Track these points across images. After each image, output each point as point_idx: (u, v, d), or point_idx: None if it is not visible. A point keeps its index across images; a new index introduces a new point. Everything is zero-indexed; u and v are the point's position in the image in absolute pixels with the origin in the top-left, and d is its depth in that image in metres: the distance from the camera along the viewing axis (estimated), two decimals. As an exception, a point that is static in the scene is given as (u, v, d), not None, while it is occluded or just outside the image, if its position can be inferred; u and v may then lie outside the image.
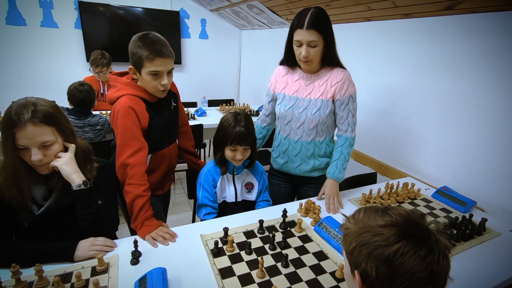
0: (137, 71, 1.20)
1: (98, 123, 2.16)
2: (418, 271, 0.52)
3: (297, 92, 1.41)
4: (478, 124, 1.46)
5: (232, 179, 1.39)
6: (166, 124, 1.34)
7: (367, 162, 2.15)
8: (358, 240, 0.58)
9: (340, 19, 2.20)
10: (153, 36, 1.17)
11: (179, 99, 1.50)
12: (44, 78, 3.40)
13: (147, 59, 1.14)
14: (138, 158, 1.17)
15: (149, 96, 1.24)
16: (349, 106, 1.36)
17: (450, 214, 1.37)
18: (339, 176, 1.40)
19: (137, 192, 1.13)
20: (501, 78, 1.35)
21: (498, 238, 1.20)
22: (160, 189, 1.46)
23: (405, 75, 1.82)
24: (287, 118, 1.44)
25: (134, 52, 1.16)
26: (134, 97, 1.20)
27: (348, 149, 1.42)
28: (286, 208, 1.21)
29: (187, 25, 3.92)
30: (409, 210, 0.60)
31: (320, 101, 1.36)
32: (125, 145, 1.17)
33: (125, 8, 3.50)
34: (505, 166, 1.37)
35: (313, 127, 1.39)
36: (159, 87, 1.20)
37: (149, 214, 1.13)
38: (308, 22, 1.20)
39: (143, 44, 1.14)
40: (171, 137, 1.43)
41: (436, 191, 1.53)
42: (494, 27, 1.35)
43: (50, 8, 3.22)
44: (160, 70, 1.17)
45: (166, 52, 1.17)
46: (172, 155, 1.45)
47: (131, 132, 1.17)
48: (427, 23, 1.65)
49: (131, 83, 1.23)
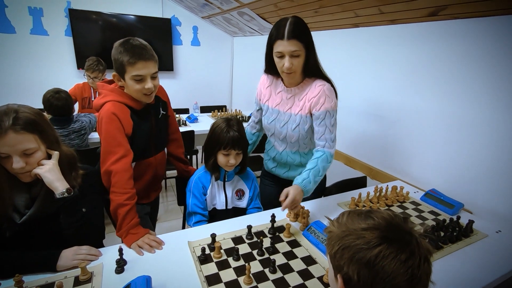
0: (121, 77, 1.19)
1: (82, 127, 2.12)
2: (399, 275, 0.51)
3: (279, 105, 1.39)
4: (466, 127, 1.48)
5: (222, 186, 1.38)
6: (153, 132, 1.32)
7: (357, 166, 2.16)
8: (341, 243, 0.58)
9: (329, 26, 2.23)
10: (134, 40, 1.17)
11: (170, 106, 1.47)
12: (34, 86, 3.36)
13: (128, 64, 1.13)
14: (122, 165, 1.15)
15: (134, 103, 1.23)
16: (326, 122, 1.28)
17: (438, 217, 1.38)
18: (308, 187, 1.20)
19: (119, 201, 1.11)
20: (485, 82, 1.38)
21: (485, 239, 1.21)
22: (146, 198, 1.43)
23: (393, 79, 1.85)
24: (270, 131, 1.45)
25: (116, 58, 1.16)
26: (119, 104, 1.19)
27: (324, 164, 1.26)
28: (274, 213, 1.20)
29: (179, 32, 3.94)
30: (392, 213, 0.60)
31: (299, 116, 1.33)
32: (109, 152, 1.15)
33: (117, 15, 3.51)
34: (492, 169, 1.39)
35: (295, 141, 1.38)
36: (143, 91, 1.19)
37: (135, 222, 1.12)
38: (288, 32, 1.16)
39: (124, 49, 1.14)
40: (159, 146, 1.41)
41: (425, 194, 1.54)
42: (476, 32, 1.39)
43: (40, 16, 3.21)
44: (142, 74, 1.15)
45: (147, 55, 1.15)
46: (159, 164, 1.42)
47: (114, 139, 1.16)
48: (413, 29, 1.68)
49: (117, 90, 1.22)
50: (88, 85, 2.68)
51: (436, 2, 1.40)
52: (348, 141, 2.26)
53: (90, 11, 3.35)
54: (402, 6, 1.55)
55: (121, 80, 1.20)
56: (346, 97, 2.20)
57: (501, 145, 1.34)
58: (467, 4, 1.30)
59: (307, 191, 1.22)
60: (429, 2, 1.42)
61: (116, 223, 1.13)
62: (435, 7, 1.44)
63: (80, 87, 2.67)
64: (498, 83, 1.33)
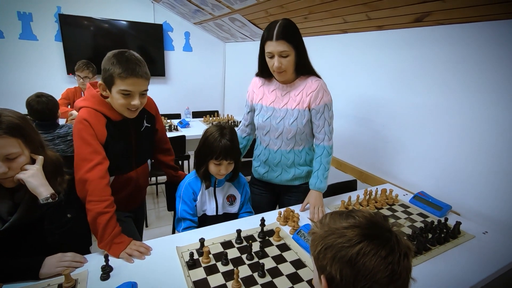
0: (107, 88, 1.13)
1: (68, 133, 2.08)
2: (380, 271, 0.52)
3: (273, 102, 1.42)
4: (453, 130, 1.51)
5: (213, 192, 1.37)
6: (133, 146, 1.26)
7: (348, 170, 2.18)
8: (323, 243, 0.58)
9: (318, 31, 2.27)
10: (130, 54, 1.11)
11: (160, 120, 1.42)
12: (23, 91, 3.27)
13: (118, 77, 1.08)
14: (97, 173, 1.08)
15: (113, 114, 1.17)
16: (325, 115, 1.38)
17: (426, 219, 1.39)
18: (321, 186, 1.39)
19: (98, 209, 1.04)
20: (470, 86, 1.42)
21: (472, 240, 1.23)
22: (132, 204, 1.39)
23: (381, 84, 1.88)
24: (265, 129, 1.45)
25: (106, 68, 1.10)
26: (95, 112, 1.13)
27: (327, 158, 1.42)
28: (264, 217, 1.20)
29: (171, 38, 3.94)
30: (372, 212, 0.61)
31: (297, 111, 1.37)
32: (83, 159, 1.09)
33: (108, 21, 3.50)
34: (479, 171, 1.41)
35: (291, 136, 1.40)
36: (128, 107, 1.14)
37: (118, 231, 1.06)
38: (277, 33, 1.22)
39: (117, 61, 1.08)
40: (140, 160, 1.33)
41: (413, 197, 1.55)
42: (459, 37, 1.43)
43: (29, 21, 3.18)
44: (131, 90, 1.10)
45: (141, 73, 1.10)
46: (141, 177, 1.36)
47: (88, 145, 1.10)
48: (400, 35, 1.72)
49: (97, 97, 1.16)
50: (79, 89, 2.65)
51: (420, 9, 1.44)
52: (339, 145, 2.27)
53: (80, 16, 3.34)
54: (389, 13, 1.59)
55: (106, 91, 1.14)
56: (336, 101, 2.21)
57: (488, 148, 1.37)
58: (450, 10, 1.34)
59: (323, 188, 1.40)
60: (414, 9, 1.46)
61: (95, 234, 1.06)
62: (420, 14, 1.47)
63: (72, 92, 2.64)
64: (483, 86, 1.36)
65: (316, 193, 1.40)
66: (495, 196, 1.35)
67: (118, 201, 1.23)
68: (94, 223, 1.04)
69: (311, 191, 1.41)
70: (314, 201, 1.38)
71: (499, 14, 1.23)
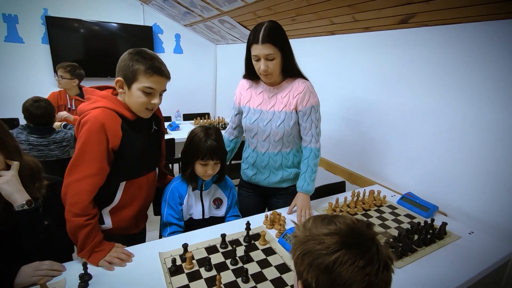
0: (127, 84, 1.07)
1: (64, 139, 2.06)
2: (356, 282, 0.50)
3: (261, 104, 1.41)
4: (438, 131, 1.52)
5: (199, 196, 1.35)
6: (145, 148, 1.18)
7: (337, 171, 2.18)
8: (302, 248, 0.57)
9: (306, 33, 2.27)
10: (152, 53, 1.09)
11: (163, 124, 1.36)
12: (10, 94, 3.25)
13: (144, 74, 1.04)
14: (88, 186, 1.02)
15: (128, 113, 1.10)
16: (312, 117, 1.37)
17: (413, 220, 1.39)
18: (309, 188, 1.39)
19: (79, 222, 0.99)
20: (454, 87, 1.42)
21: (458, 241, 1.23)
22: (134, 227, 1.27)
23: (369, 85, 1.88)
24: (253, 131, 1.44)
25: (128, 64, 1.04)
26: (110, 111, 1.06)
27: (314, 161, 1.41)
28: (249, 221, 1.18)
29: (161, 40, 3.91)
30: (356, 219, 0.60)
31: (284, 113, 1.36)
32: (79, 163, 1.01)
33: (97, 23, 3.46)
34: (465, 172, 1.42)
35: (278, 139, 1.39)
36: (147, 106, 1.09)
37: (98, 240, 1.03)
38: (263, 37, 1.20)
39: (142, 58, 1.04)
40: (151, 164, 1.26)
41: (401, 198, 1.56)
42: (443, 39, 1.44)
43: (15, 23, 3.12)
44: (155, 88, 1.07)
45: (166, 72, 1.10)
46: (150, 185, 1.27)
47: (91, 151, 1.01)
48: (386, 36, 1.73)
49: (110, 96, 1.10)
50: (64, 93, 2.60)
51: (405, 11, 1.45)
52: (328, 146, 2.27)
53: (68, 18, 3.29)
54: (374, 14, 1.59)
55: (125, 87, 1.08)
56: (324, 103, 2.22)
57: (473, 149, 1.37)
58: (434, 12, 1.35)
59: (310, 191, 1.39)
60: (398, 10, 1.47)
61: (75, 242, 1.02)
62: (405, 15, 1.48)
63: (56, 95, 2.59)
64: (468, 87, 1.37)
65: (303, 196, 1.39)
66: (480, 197, 1.36)
67: (126, 219, 1.20)
68: (74, 234, 1.00)
69: (298, 193, 1.40)
70: (301, 203, 1.37)
71: (483, 15, 1.24)
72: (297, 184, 1.42)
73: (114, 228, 1.18)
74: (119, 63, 1.08)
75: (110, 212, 1.16)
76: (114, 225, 1.18)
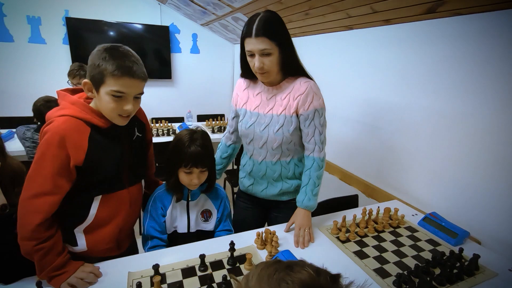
0: (95, 87, 0.92)
1: None
2: None
3: (258, 107, 1.25)
4: (473, 141, 1.27)
5: (186, 207, 1.21)
6: (125, 158, 1.03)
7: (353, 182, 1.95)
8: None
9: (321, 29, 2.07)
10: (125, 50, 0.93)
11: (149, 129, 1.20)
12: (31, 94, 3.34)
13: (111, 76, 0.88)
14: (40, 206, 0.87)
15: (100, 120, 0.95)
16: (315, 122, 1.19)
17: (437, 247, 1.16)
18: (310, 204, 1.20)
19: (28, 248, 0.86)
20: (495, 88, 1.17)
21: (494, 280, 0.99)
22: (115, 248, 1.10)
23: (390, 86, 1.65)
24: (249, 137, 1.28)
25: (95, 64, 0.90)
26: (76, 120, 0.91)
27: (317, 172, 1.22)
28: (236, 239, 1.03)
29: (178, 40, 3.88)
30: (318, 270, 0.42)
31: (283, 116, 1.19)
32: (33, 180, 0.88)
33: (115, 23, 3.49)
34: (505, 190, 1.16)
35: (277, 146, 1.22)
36: (119, 112, 0.94)
37: (59, 263, 0.89)
38: (256, 29, 1.04)
39: (110, 56, 0.89)
40: (133, 176, 1.09)
41: (423, 218, 1.32)
42: (483, 29, 1.19)
43: (38, 25, 3.22)
44: (125, 92, 0.91)
45: (138, 72, 0.92)
46: (134, 200, 1.10)
47: (46, 167, 0.87)
48: (409, 29, 1.49)
49: (80, 103, 0.95)
50: None
51: (433, -3, 1.22)
52: (344, 153, 2.06)
53: (87, 19, 3.34)
54: (396, 3, 1.37)
55: (93, 91, 0.93)
56: (341, 105, 2.01)
57: (514, 163, 1.12)
58: (469, -3, 1.11)
59: (311, 207, 1.21)
60: (425, -3, 1.24)
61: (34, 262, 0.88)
62: (432, 2, 1.25)
63: None
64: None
65: (303, 212, 1.21)
66: (526, 223, 1.10)
67: (106, 239, 1.04)
68: (29, 256, 0.88)
69: (298, 209, 1.23)
70: (301, 221, 1.19)
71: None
72: (297, 198, 1.24)
73: (89, 250, 1.02)
74: (89, 61, 0.93)
75: (85, 231, 1.00)
76: (90, 246, 1.02)
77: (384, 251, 1.12)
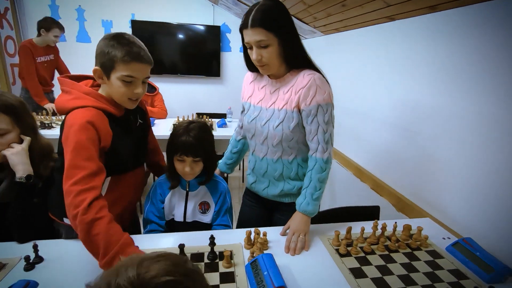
0: (105, 74, 0.99)
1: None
2: None
3: (262, 101, 1.20)
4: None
5: (185, 196, 1.24)
6: (134, 143, 1.13)
7: (384, 193, 1.73)
8: None
9: (361, 22, 1.88)
10: (130, 37, 1.01)
11: (148, 117, 1.30)
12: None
13: (121, 61, 0.95)
14: (93, 184, 0.89)
15: (115, 109, 1.03)
16: (318, 118, 1.08)
17: (462, 281, 0.93)
18: (308, 209, 1.10)
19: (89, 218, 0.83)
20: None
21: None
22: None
23: (431, 85, 1.40)
24: (250, 132, 1.23)
25: (104, 51, 0.96)
26: (96, 110, 0.98)
27: (319, 175, 1.11)
28: (213, 235, 1.00)
29: (228, 39, 4.01)
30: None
31: (284, 111, 1.12)
32: (76, 166, 0.90)
33: (170, 24, 3.77)
34: None
35: (277, 143, 1.15)
36: (129, 96, 1.02)
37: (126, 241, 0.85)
38: (252, 20, 0.98)
39: (118, 43, 0.96)
40: (138, 159, 1.19)
41: (453, 243, 1.08)
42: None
43: (110, 27, 3.70)
44: (135, 76, 0.99)
45: (146, 57, 1.00)
46: (138, 182, 1.20)
47: (86, 151, 0.91)
48: (458, 16, 1.24)
49: (93, 93, 1.02)
50: None
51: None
52: (378, 160, 1.84)
53: (147, 21, 3.70)
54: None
55: (104, 78, 1.00)
56: (377, 107, 1.80)
57: None
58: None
59: (310, 212, 1.11)
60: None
61: (94, 251, 0.84)
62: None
63: None
64: None
65: (300, 216, 1.12)
66: None
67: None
68: (89, 237, 0.82)
69: (296, 212, 1.14)
70: (296, 226, 1.10)
71: None
72: (297, 200, 1.15)
73: None
74: (97, 49, 1.01)
75: None
76: None
77: (389, 274, 0.95)
